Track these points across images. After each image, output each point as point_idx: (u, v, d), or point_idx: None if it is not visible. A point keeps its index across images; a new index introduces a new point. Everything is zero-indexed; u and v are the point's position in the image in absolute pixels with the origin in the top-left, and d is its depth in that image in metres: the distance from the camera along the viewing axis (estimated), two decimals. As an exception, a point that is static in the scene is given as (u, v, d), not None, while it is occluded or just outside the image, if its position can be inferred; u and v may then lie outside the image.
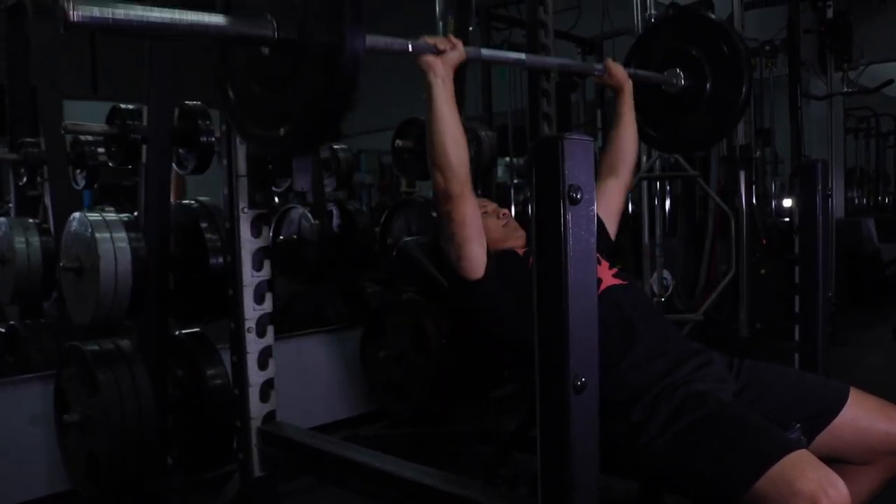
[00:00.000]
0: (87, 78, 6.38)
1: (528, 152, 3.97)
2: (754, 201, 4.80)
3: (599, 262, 1.77)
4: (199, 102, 2.49)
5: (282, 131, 1.33)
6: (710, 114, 2.26)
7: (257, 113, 1.40)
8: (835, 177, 6.52)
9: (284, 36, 1.25)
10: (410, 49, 1.57)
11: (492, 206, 1.99)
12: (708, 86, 2.24)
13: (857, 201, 8.91)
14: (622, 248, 4.71)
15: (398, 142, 3.44)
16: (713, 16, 2.52)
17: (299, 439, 2.02)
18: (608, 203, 2.01)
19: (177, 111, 2.43)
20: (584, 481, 1.16)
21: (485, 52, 1.71)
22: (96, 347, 2.22)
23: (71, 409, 2.25)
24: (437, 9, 4.57)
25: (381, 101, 7.84)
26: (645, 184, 4.23)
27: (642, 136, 2.25)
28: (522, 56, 2.00)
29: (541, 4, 2.98)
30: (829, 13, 5.54)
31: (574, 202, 1.11)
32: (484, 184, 4.01)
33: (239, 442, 2.12)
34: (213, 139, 2.44)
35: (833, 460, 1.46)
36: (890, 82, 5.71)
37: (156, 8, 1.16)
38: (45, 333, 2.99)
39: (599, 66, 2.09)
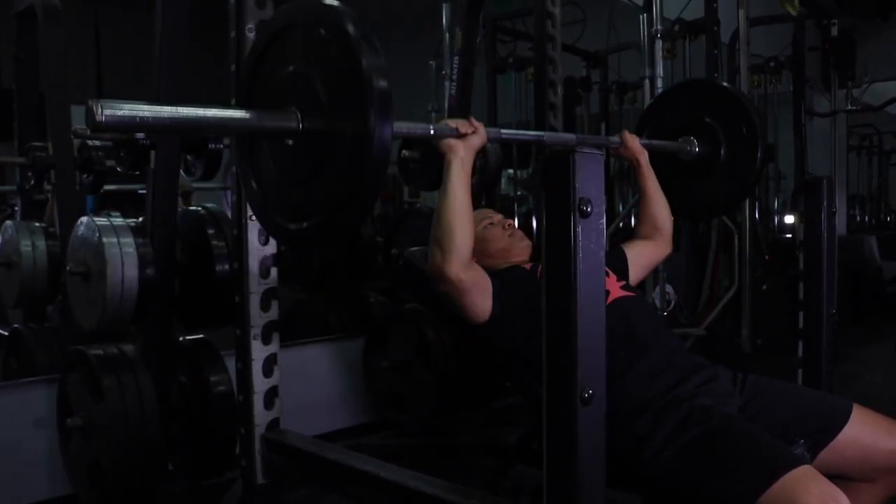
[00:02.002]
0: (93, 82, 6.41)
1: (537, 165, 3.99)
2: (757, 217, 4.81)
3: (608, 275, 1.78)
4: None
5: (306, 224, 1.32)
6: (726, 180, 2.27)
7: (282, 205, 1.39)
8: (837, 194, 6.52)
9: (309, 127, 1.25)
10: (433, 132, 1.58)
11: (497, 216, 2.00)
12: (722, 152, 2.24)
13: (859, 219, 8.92)
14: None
15: (404, 152, 3.45)
16: (725, 84, 2.54)
17: (303, 447, 2.02)
18: (639, 260, 2.04)
19: (185, 118, 2.44)
20: (591, 494, 1.16)
21: (504, 133, 1.72)
22: (101, 352, 2.22)
23: (74, 414, 2.25)
24: (444, 21, 4.60)
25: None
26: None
27: None
28: (542, 134, 2.02)
29: (548, 18, 3.00)
30: (834, 31, 5.57)
31: (584, 215, 1.12)
32: (488, 196, 4.02)
33: (242, 449, 2.12)
34: (222, 146, 2.44)
35: (836, 477, 1.46)
36: (894, 100, 5.72)
37: (181, 105, 1.17)
38: (50, 337, 2.99)
39: (615, 139, 2.09)
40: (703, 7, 4.21)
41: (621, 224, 4.56)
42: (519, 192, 5.98)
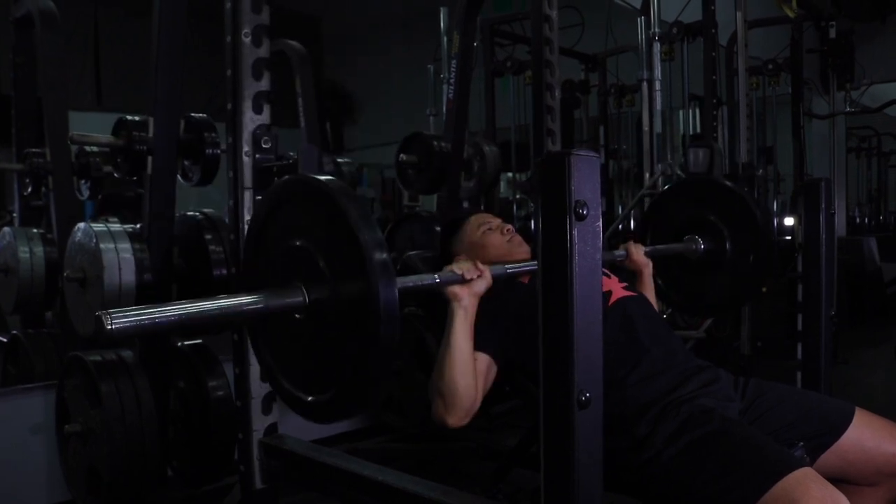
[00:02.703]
0: (91, 89, 6.42)
1: (534, 168, 3.99)
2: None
3: (609, 276, 1.78)
4: (204, 115, 2.50)
5: (326, 397, 1.32)
6: (734, 276, 2.26)
7: (297, 377, 1.40)
8: (837, 195, 6.53)
9: (316, 298, 1.26)
10: (438, 281, 1.56)
11: (496, 221, 2.00)
12: (728, 248, 2.24)
13: (858, 220, 8.93)
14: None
15: (402, 156, 3.45)
16: (726, 181, 2.55)
17: (301, 452, 2.01)
18: None
19: (182, 123, 2.44)
20: (589, 497, 1.15)
21: (509, 268, 1.69)
22: (99, 358, 2.22)
23: (72, 420, 2.25)
24: (442, 25, 4.60)
25: (382, 116, 7.88)
26: (647, 201, 4.24)
27: (665, 300, 2.27)
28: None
29: (546, 21, 3.00)
30: (832, 33, 5.58)
31: (580, 218, 1.11)
32: (487, 199, 4.01)
33: (240, 454, 2.11)
34: (219, 151, 2.44)
35: (838, 480, 1.45)
36: (892, 102, 5.73)
37: (187, 301, 1.18)
38: (48, 343, 2.98)
39: (621, 252, 2.09)
40: (700, 10, 4.21)
41: (620, 226, 4.56)
42: (518, 196, 5.99)
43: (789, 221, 6.05)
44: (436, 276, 1.56)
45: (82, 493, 2.26)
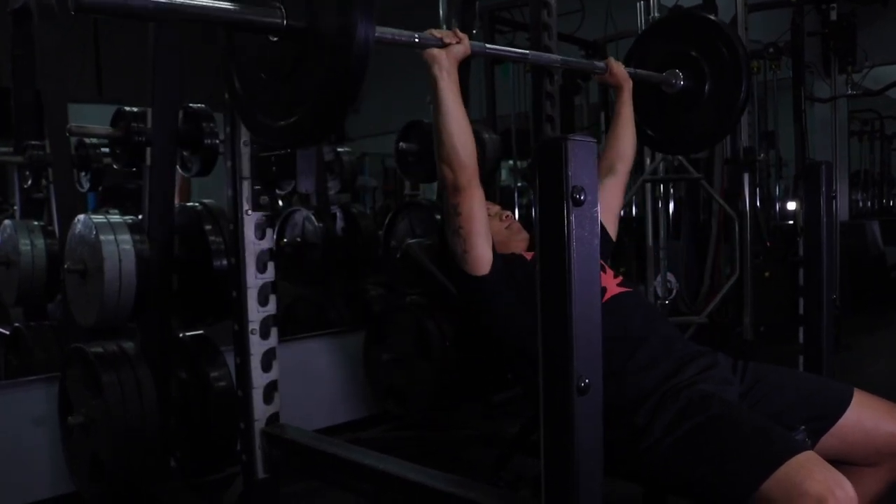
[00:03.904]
0: (92, 80, 6.40)
1: (532, 154, 3.97)
2: (758, 204, 4.79)
3: (605, 271, 1.77)
4: (203, 105, 2.49)
5: (289, 121, 1.32)
6: (710, 114, 2.26)
7: (265, 103, 1.39)
8: (839, 179, 6.51)
9: (293, 23, 1.24)
10: (417, 40, 1.57)
11: (495, 208, 1.99)
12: (707, 86, 2.24)
13: (861, 204, 8.90)
14: (625, 251, 4.71)
15: (402, 144, 3.44)
16: (711, 16, 2.53)
17: (303, 441, 2.02)
18: (607, 202, 2.02)
19: (181, 114, 2.44)
20: (588, 484, 1.15)
21: (489, 47, 1.73)
22: (100, 349, 2.22)
23: (75, 411, 2.26)
24: (441, 12, 4.58)
25: (383, 104, 7.85)
26: (648, 186, 4.23)
27: (642, 136, 2.26)
28: (526, 52, 2.02)
29: (544, 7, 2.98)
30: (833, 15, 5.54)
31: (578, 203, 1.11)
32: (487, 187, 4.00)
33: (242, 444, 2.12)
34: (218, 142, 2.44)
35: (839, 462, 1.45)
36: (894, 85, 5.69)
37: None
38: (49, 335, 2.99)
39: (601, 64, 2.11)
40: (700, -7, 4.19)
41: (621, 212, 4.54)
42: (519, 184, 5.98)
43: (791, 206, 6.04)
44: (415, 35, 1.58)
45: (85, 482, 2.28)
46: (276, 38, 1.28)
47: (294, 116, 1.31)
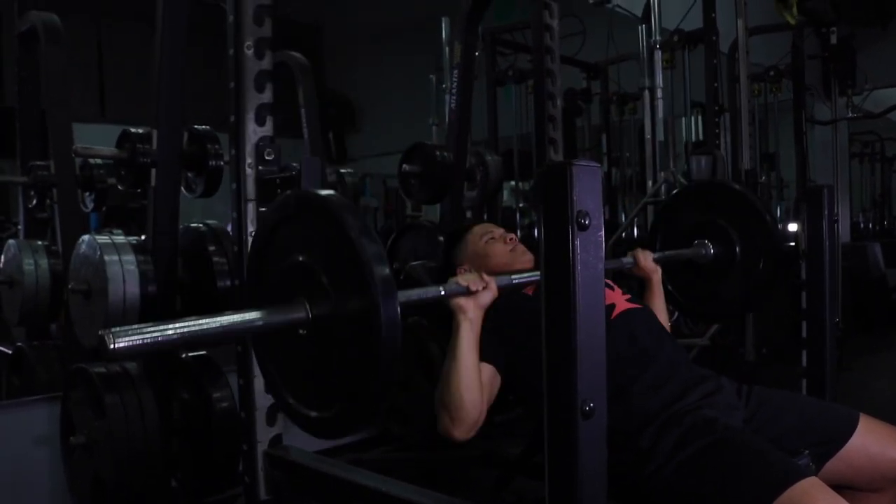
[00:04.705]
0: (95, 100, 6.44)
1: (535, 178, 3.99)
2: (760, 226, 4.78)
3: (613, 288, 1.78)
4: (208, 127, 2.51)
5: (331, 413, 1.32)
6: (744, 281, 2.25)
7: (301, 393, 1.40)
8: (840, 201, 6.52)
9: (318, 313, 1.26)
10: (443, 293, 1.55)
11: (498, 231, 2.00)
12: (737, 252, 2.23)
13: (862, 226, 8.90)
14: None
15: (405, 166, 3.46)
16: (735, 185, 2.54)
17: (306, 463, 2.01)
18: None
19: (186, 135, 2.45)
20: (593, 507, 1.15)
21: (515, 278, 1.68)
22: (103, 370, 2.22)
23: (77, 432, 2.25)
24: (444, 35, 4.62)
25: (385, 126, 7.89)
26: (651, 208, 4.24)
27: (675, 305, 2.26)
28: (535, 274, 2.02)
29: (547, 30, 3.01)
30: (833, 39, 5.58)
31: (582, 228, 1.11)
32: (489, 208, 4.01)
33: (244, 465, 2.11)
34: (222, 163, 2.45)
35: (843, 487, 1.45)
36: (895, 107, 5.72)
37: (189, 319, 1.18)
38: (52, 355, 2.99)
39: (628, 260, 2.08)
40: (701, 17, 4.22)
41: (623, 235, 4.56)
42: (521, 205, 5.99)
43: (793, 228, 6.03)
44: (440, 288, 1.54)
45: (86, 503, 2.27)
46: (304, 332, 1.29)
47: (331, 409, 1.32)
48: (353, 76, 8.42)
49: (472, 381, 1.58)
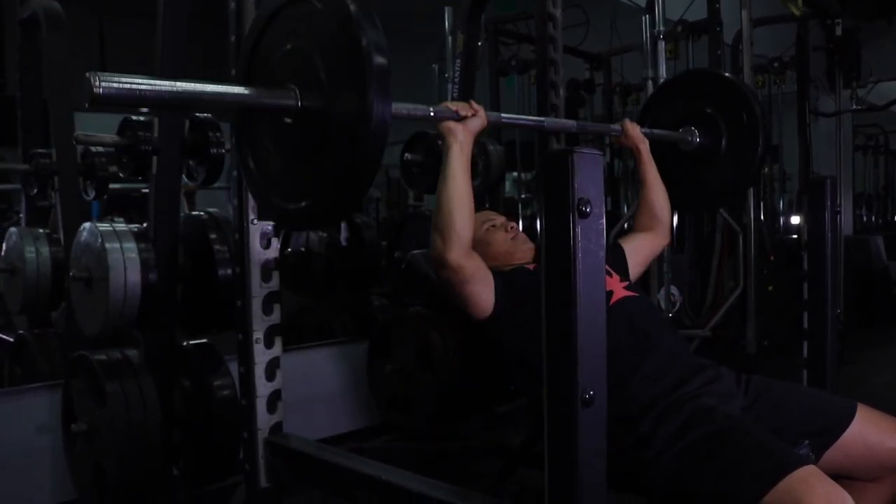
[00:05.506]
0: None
1: (537, 167, 3.98)
2: (762, 217, 4.79)
3: (611, 275, 1.78)
4: (209, 115, 2.50)
5: (304, 204, 1.31)
6: (727, 171, 2.27)
7: (280, 185, 1.38)
8: (843, 194, 6.51)
9: (308, 105, 1.24)
10: (432, 114, 1.58)
11: (500, 219, 2.00)
12: (723, 142, 2.25)
13: (865, 219, 8.89)
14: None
15: (407, 155, 3.45)
16: (726, 74, 2.55)
17: (306, 451, 2.02)
18: (638, 253, 2.03)
19: (187, 123, 2.45)
20: (593, 496, 1.15)
21: (504, 117, 1.72)
22: (104, 357, 2.22)
23: (78, 419, 2.26)
24: (446, 25, 4.60)
25: (388, 116, 7.87)
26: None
27: None
28: (542, 119, 2.05)
29: (550, 20, 2.99)
30: (838, 31, 5.54)
31: (583, 215, 1.11)
32: (492, 198, 4.01)
33: (245, 453, 2.12)
34: (224, 151, 2.45)
35: (841, 477, 1.45)
36: (899, 100, 5.71)
37: (179, 80, 1.16)
38: (53, 343, 2.99)
39: (616, 127, 2.12)
40: (705, 8, 4.21)
41: (626, 225, 4.55)
42: (523, 195, 5.98)
43: (795, 220, 6.03)
44: (430, 109, 1.58)
45: (88, 491, 2.27)
46: (290, 120, 1.28)
47: (307, 200, 1.30)
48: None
49: (463, 203, 1.60)
